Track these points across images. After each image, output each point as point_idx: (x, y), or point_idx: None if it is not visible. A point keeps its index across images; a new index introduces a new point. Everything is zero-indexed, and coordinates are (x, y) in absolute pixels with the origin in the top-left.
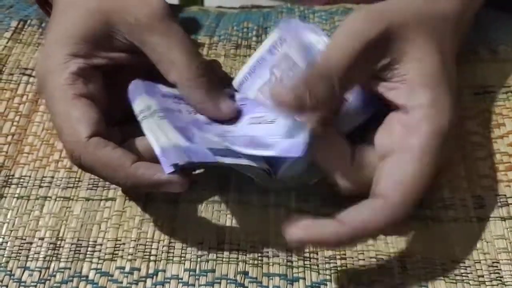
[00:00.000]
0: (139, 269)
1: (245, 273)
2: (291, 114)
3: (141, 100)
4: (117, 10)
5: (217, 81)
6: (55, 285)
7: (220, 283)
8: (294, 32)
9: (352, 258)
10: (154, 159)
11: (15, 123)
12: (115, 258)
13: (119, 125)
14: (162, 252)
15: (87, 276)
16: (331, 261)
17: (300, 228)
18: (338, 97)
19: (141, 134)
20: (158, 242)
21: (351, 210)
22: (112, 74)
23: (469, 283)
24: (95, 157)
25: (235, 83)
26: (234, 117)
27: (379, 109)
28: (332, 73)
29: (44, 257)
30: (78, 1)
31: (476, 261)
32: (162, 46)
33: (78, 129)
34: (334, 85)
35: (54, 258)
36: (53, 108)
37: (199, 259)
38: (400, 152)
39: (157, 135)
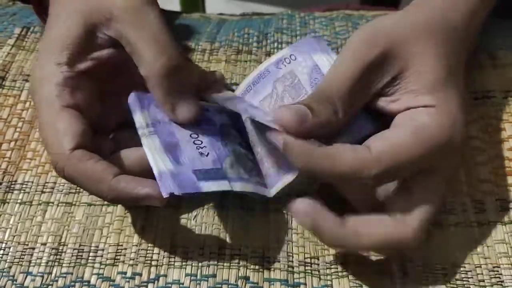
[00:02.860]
0: (140, 274)
1: (246, 278)
2: (291, 133)
3: (138, 116)
4: (95, 8)
5: (187, 84)
6: None
7: None
8: (307, 52)
9: (353, 263)
10: (143, 172)
11: (18, 129)
12: (117, 263)
13: (114, 131)
14: (164, 257)
15: (89, 281)
16: (332, 266)
17: (307, 208)
18: (341, 123)
19: (137, 140)
20: (160, 247)
21: (359, 217)
22: (105, 82)
23: (469, 287)
24: (78, 169)
25: (238, 90)
26: (195, 123)
27: (370, 133)
28: (334, 98)
29: (46, 263)
30: (65, 7)
31: (476, 265)
32: (134, 38)
33: (62, 141)
34: (337, 110)
35: (56, 264)
36: (41, 119)
37: (200, 264)
38: (400, 127)
39: (156, 157)
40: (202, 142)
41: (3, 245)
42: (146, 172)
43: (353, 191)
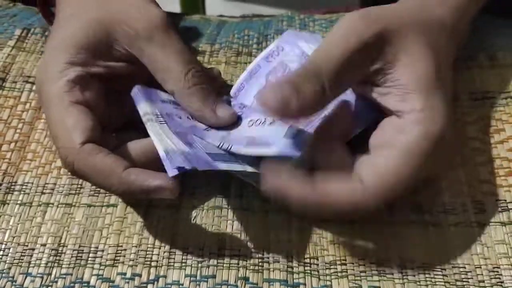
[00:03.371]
0: (140, 275)
1: (246, 279)
2: (276, 117)
3: (142, 105)
4: (117, 21)
5: (214, 89)
6: None
7: None
8: (293, 42)
9: (353, 263)
10: (149, 163)
11: (18, 130)
12: (117, 264)
13: (117, 131)
14: (163, 258)
15: (88, 282)
16: (332, 266)
17: (274, 177)
18: (328, 100)
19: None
20: (159, 248)
21: (328, 182)
22: (110, 82)
23: None
24: (88, 163)
25: (232, 91)
26: (233, 123)
27: (376, 119)
28: (322, 73)
29: (46, 263)
30: (79, 11)
31: (476, 266)
32: (160, 56)
33: (72, 135)
34: (324, 85)
35: (56, 264)
36: (49, 114)
37: (200, 265)
38: (387, 147)
39: (161, 137)
40: (220, 130)
41: (3, 246)
42: (152, 162)
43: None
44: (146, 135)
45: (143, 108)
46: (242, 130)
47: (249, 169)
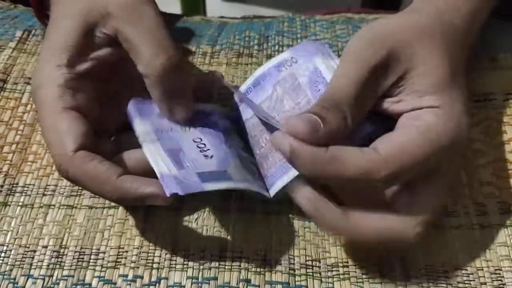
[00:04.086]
0: (142, 277)
1: (248, 281)
2: (304, 141)
3: (137, 124)
4: (91, 7)
5: (185, 84)
6: None
7: None
8: (308, 55)
9: (355, 265)
10: (145, 172)
11: (19, 132)
12: (118, 266)
13: (115, 133)
14: (165, 260)
15: (90, 284)
16: (334, 269)
17: (309, 194)
18: (350, 129)
19: (138, 143)
20: (161, 250)
21: (360, 211)
22: (104, 84)
23: None
24: (82, 170)
25: (240, 90)
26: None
27: (375, 134)
28: (342, 104)
29: (48, 265)
30: (67, 13)
31: (478, 268)
32: (132, 36)
33: (64, 142)
34: (346, 116)
35: (57, 266)
36: (43, 121)
37: (201, 266)
38: (405, 127)
39: (156, 160)
40: (205, 145)
41: (4, 247)
42: (148, 174)
43: (350, 192)
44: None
45: (138, 128)
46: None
47: (241, 185)
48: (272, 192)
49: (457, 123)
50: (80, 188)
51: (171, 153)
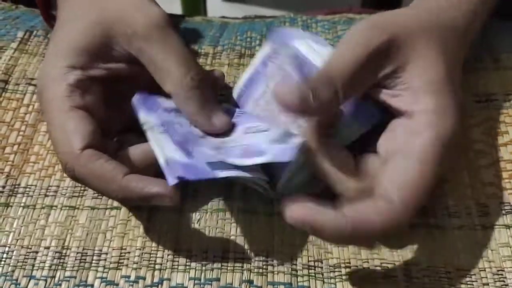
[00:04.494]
0: (144, 278)
1: (250, 282)
2: (293, 113)
3: (143, 114)
4: (115, 21)
5: (213, 94)
6: None
7: None
8: (284, 42)
9: (357, 266)
10: (150, 168)
11: (21, 133)
12: (120, 267)
13: (118, 135)
14: (167, 261)
15: (92, 285)
16: (336, 269)
17: (300, 208)
18: (340, 103)
19: (142, 142)
20: (163, 251)
21: (355, 207)
22: (111, 86)
23: None
24: (88, 169)
25: (234, 95)
26: (227, 131)
27: (379, 122)
28: (336, 79)
29: (50, 266)
30: (79, 14)
31: (481, 269)
32: (158, 56)
33: (72, 141)
34: (337, 90)
35: (59, 267)
36: (50, 119)
37: (204, 267)
38: (402, 155)
39: (161, 146)
40: (213, 138)
41: (6, 248)
42: (153, 167)
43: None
44: (146, 138)
45: (143, 117)
46: (237, 139)
47: (249, 175)
48: (278, 186)
49: (451, 125)
50: (82, 189)
51: (180, 144)
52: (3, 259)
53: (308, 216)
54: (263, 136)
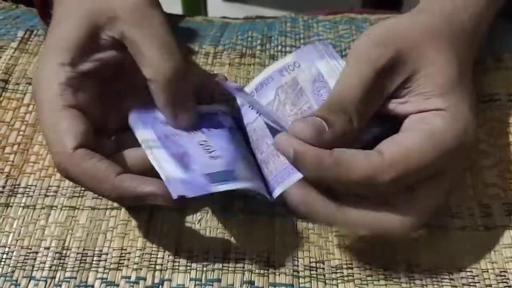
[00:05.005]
0: (144, 279)
1: (251, 283)
2: (311, 144)
3: (140, 132)
4: (99, 8)
5: (188, 91)
6: None
7: None
8: (311, 59)
9: (359, 267)
10: (146, 171)
11: (21, 133)
12: (121, 268)
13: (117, 134)
14: (168, 262)
15: (92, 286)
16: (338, 270)
17: (301, 192)
18: (356, 130)
19: (139, 143)
20: (164, 252)
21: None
22: (106, 82)
23: None
24: (81, 168)
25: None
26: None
27: (380, 134)
28: (348, 106)
29: (50, 267)
30: (70, 11)
31: (483, 270)
32: (139, 40)
33: (64, 140)
34: (351, 118)
35: (60, 268)
36: (43, 119)
37: (205, 268)
38: (411, 130)
39: (161, 165)
40: (211, 147)
41: (6, 249)
42: (149, 172)
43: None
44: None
45: (141, 135)
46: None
47: (249, 185)
48: (275, 194)
49: (463, 125)
50: (82, 189)
51: (177, 157)
52: (3, 260)
53: (306, 201)
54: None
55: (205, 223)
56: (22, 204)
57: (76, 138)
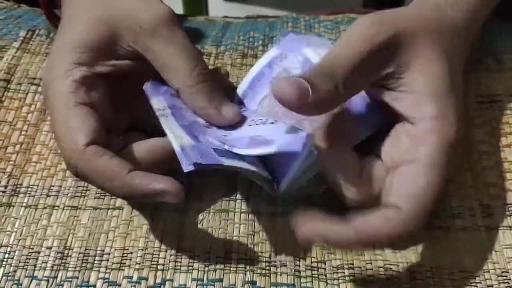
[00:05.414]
0: (146, 279)
1: (253, 283)
2: (291, 110)
3: (155, 100)
4: (121, 17)
5: (220, 87)
6: None
7: None
8: (296, 48)
9: (360, 267)
10: (155, 163)
11: (23, 132)
12: (123, 268)
13: (124, 134)
14: (170, 262)
15: (94, 286)
16: (339, 270)
17: (307, 223)
18: (341, 100)
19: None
20: (166, 251)
21: (362, 216)
22: (117, 85)
23: None
24: (92, 165)
25: (236, 96)
26: (237, 122)
27: (384, 124)
28: (337, 72)
29: (52, 267)
30: (84, 11)
31: (485, 270)
32: (165, 52)
33: (76, 137)
34: (337, 86)
35: (61, 268)
36: (54, 115)
37: (206, 268)
38: (409, 164)
39: (175, 133)
40: (221, 128)
41: (8, 248)
42: (157, 162)
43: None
44: (152, 137)
45: (155, 103)
46: (243, 130)
47: (254, 168)
48: (282, 185)
49: (454, 132)
50: (84, 189)
51: (186, 127)
52: (5, 259)
53: (313, 229)
54: (270, 127)
55: (206, 223)
56: (24, 204)
57: (88, 135)
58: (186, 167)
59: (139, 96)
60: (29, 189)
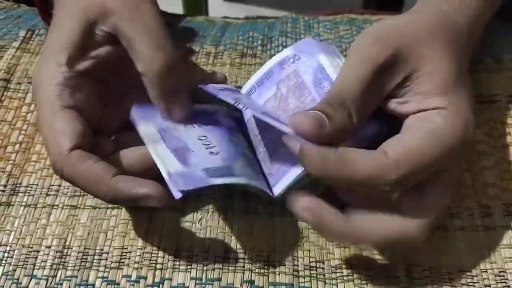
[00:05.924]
0: (145, 278)
1: (251, 282)
2: (311, 141)
3: (142, 127)
4: (90, 4)
5: (183, 84)
6: None
7: None
8: (311, 52)
9: (359, 267)
10: (146, 171)
11: (22, 132)
12: (122, 267)
13: (117, 134)
14: (169, 261)
15: (93, 285)
16: (338, 270)
17: (308, 204)
18: (355, 126)
19: (139, 142)
20: (164, 251)
21: (364, 213)
22: (106, 83)
23: None
24: (76, 170)
25: (243, 91)
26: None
27: (380, 136)
28: (347, 102)
29: (51, 266)
30: (69, 12)
31: (483, 270)
32: (131, 33)
33: (60, 141)
34: (351, 113)
35: (61, 267)
36: (41, 119)
37: (205, 267)
38: (413, 129)
39: (163, 159)
40: (210, 142)
41: (8, 247)
42: (147, 171)
43: (354, 194)
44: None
45: (142, 130)
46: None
47: (247, 181)
48: (276, 190)
49: (464, 122)
50: None
51: (176, 151)
52: (4, 258)
53: (313, 212)
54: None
55: (205, 223)
56: (23, 203)
57: (72, 140)
58: (175, 193)
59: (129, 94)
60: (29, 188)
